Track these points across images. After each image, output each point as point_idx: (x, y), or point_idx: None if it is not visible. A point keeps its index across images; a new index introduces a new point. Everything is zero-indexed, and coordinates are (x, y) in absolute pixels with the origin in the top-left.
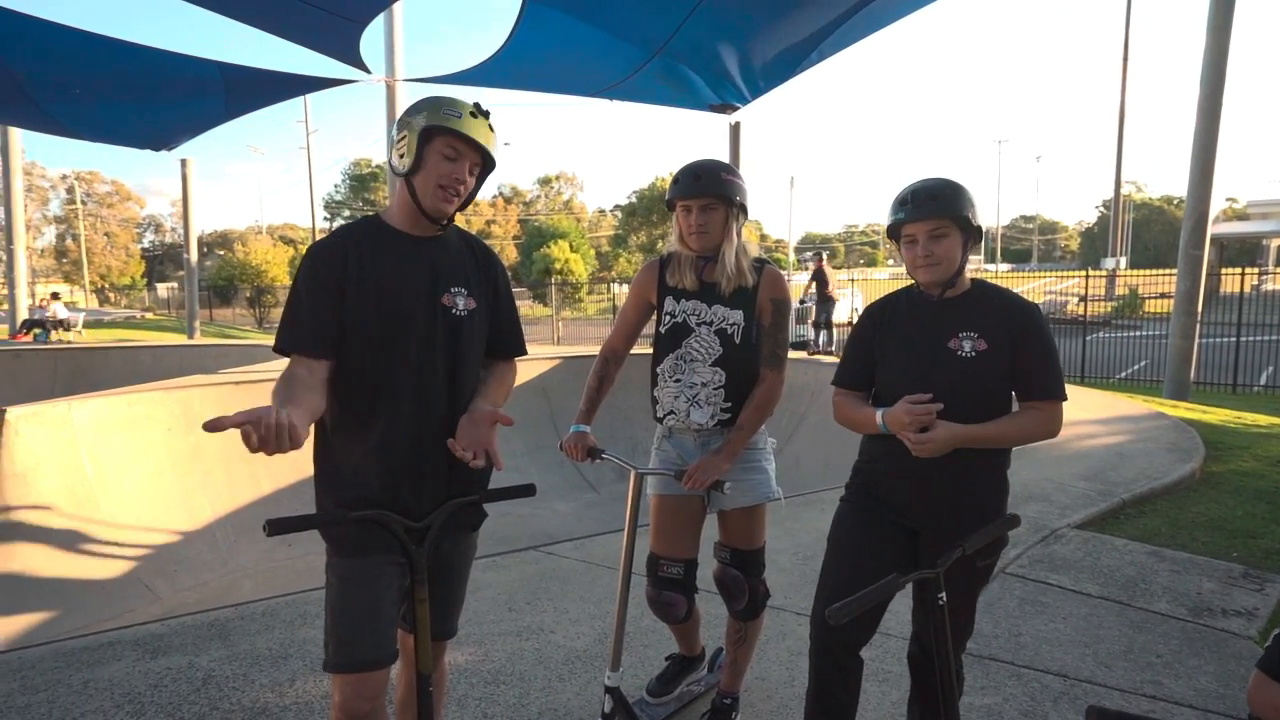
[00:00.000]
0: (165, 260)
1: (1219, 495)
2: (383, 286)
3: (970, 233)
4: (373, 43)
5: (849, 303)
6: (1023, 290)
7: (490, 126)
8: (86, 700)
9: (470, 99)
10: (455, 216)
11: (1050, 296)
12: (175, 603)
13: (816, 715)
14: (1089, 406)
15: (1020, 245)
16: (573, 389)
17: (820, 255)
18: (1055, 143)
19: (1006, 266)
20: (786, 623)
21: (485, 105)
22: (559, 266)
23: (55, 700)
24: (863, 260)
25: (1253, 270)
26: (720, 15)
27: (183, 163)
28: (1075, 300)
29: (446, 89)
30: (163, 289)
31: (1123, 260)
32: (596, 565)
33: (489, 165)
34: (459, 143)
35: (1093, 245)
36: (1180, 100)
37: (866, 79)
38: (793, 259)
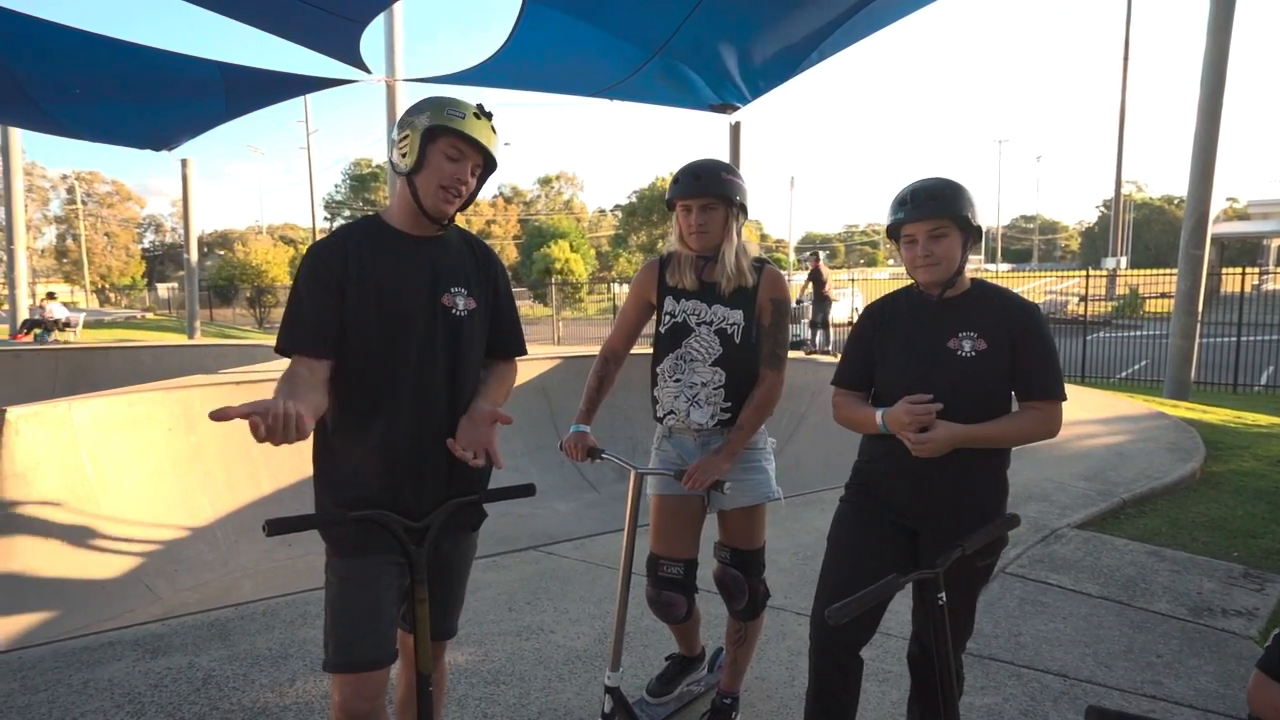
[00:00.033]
0: (165, 260)
1: (1219, 495)
2: (383, 286)
3: (970, 232)
4: (373, 43)
5: (849, 302)
6: (1023, 290)
7: (493, 128)
8: (86, 700)
9: (471, 99)
10: (456, 216)
11: (1051, 296)
12: (176, 602)
13: (816, 715)
14: (1089, 406)
15: (1021, 245)
16: (573, 389)
17: (816, 255)
18: (1056, 142)
19: (1007, 266)
20: (786, 622)
21: (486, 106)
22: (559, 266)
23: (55, 700)
24: (863, 260)
25: (1253, 270)
26: (720, 15)
27: (183, 163)
28: (1076, 300)
29: (447, 89)
30: (163, 289)
31: (1123, 260)
32: (597, 565)
33: (490, 166)
34: (462, 143)
35: (1093, 245)
36: (1181, 100)
37: (866, 79)
38: (793, 259)
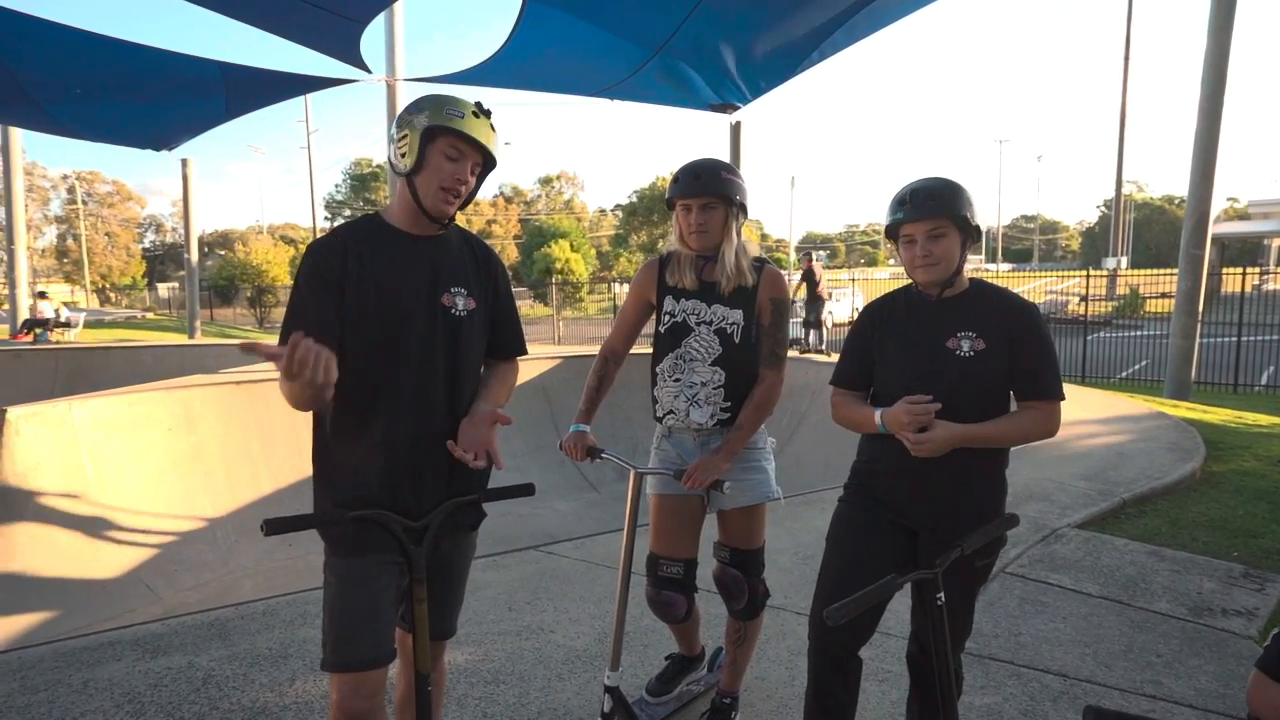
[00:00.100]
0: (166, 260)
1: (1219, 495)
2: (382, 286)
3: (969, 232)
4: (373, 42)
5: (850, 302)
6: (1024, 290)
7: (492, 126)
8: (86, 700)
9: (471, 98)
10: (456, 215)
11: (1051, 296)
12: (175, 602)
13: (815, 715)
14: (1090, 406)
15: (1021, 245)
16: (573, 389)
17: (810, 255)
18: (1056, 142)
19: (1007, 266)
20: (786, 622)
21: (486, 105)
22: (559, 266)
23: (55, 700)
24: (863, 260)
25: (1254, 270)
26: (721, 14)
27: (183, 163)
28: (1076, 300)
29: (447, 89)
30: (163, 289)
31: (1124, 260)
32: (596, 565)
33: (490, 165)
34: (461, 143)
35: (1094, 245)
36: (1181, 100)
37: (867, 79)
38: (794, 259)
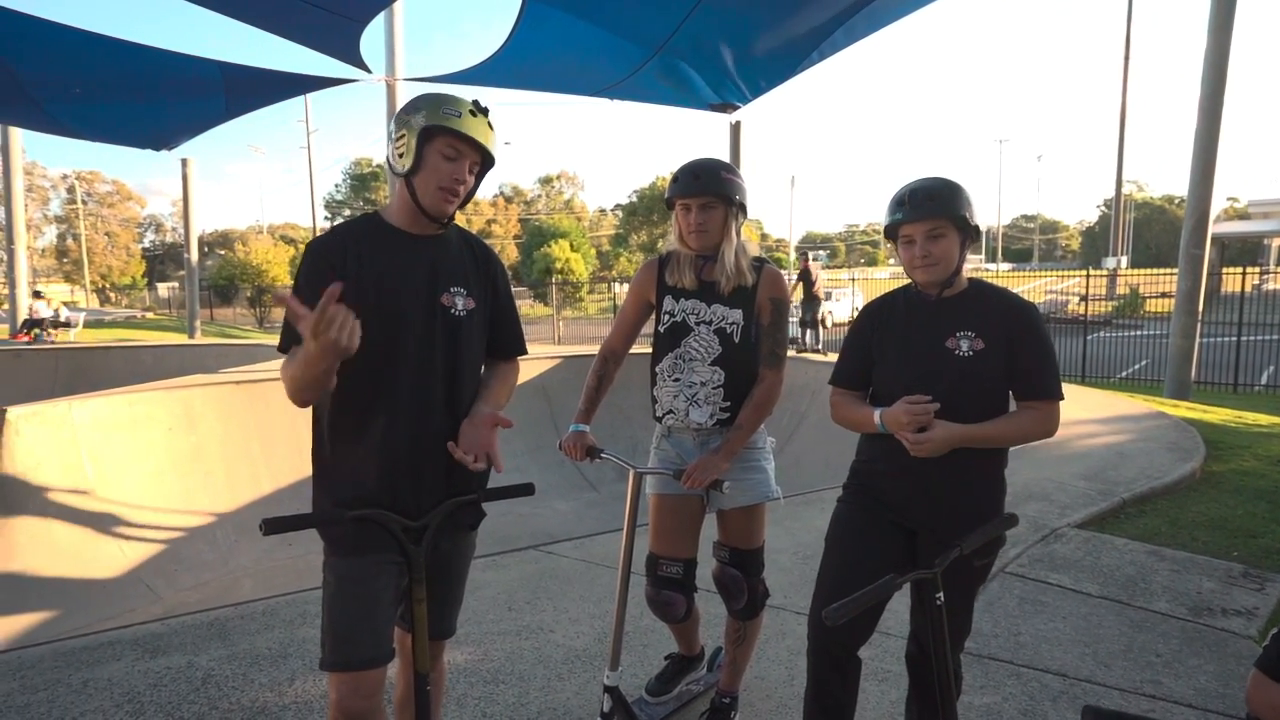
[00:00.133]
0: (166, 260)
1: (1219, 495)
2: (381, 285)
3: (968, 232)
4: (373, 42)
5: (849, 301)
6: (1024, 290)
7: (489, 124)
8: (86, 700)
9: (470, 97)
10: (456, 215)
11: (1051, 296)
12: (175, 602)
13: (815, 715)
14: (1090, 406)
15: (1021, 245)
16: (573, 388)
17: (806, 255)
18: (1056, 142)
19: (1007, 266)
20: (786, 622)
21: (485, 103)
22: (559, 266)
23: (55, 700)
24: (863, 260)
25: (1254, 270)
26: (721, 13)
27: (183, 162)
28: (1076, 300)
29: (447, 88)
30: (163, 289)
31: (1124, 260)
32: (596, 565)
33: (488, 163)
34: (459, 142)
35: (1094, 245)
36: (1182, 100)
37: (867, 79)
38: (793, 258)
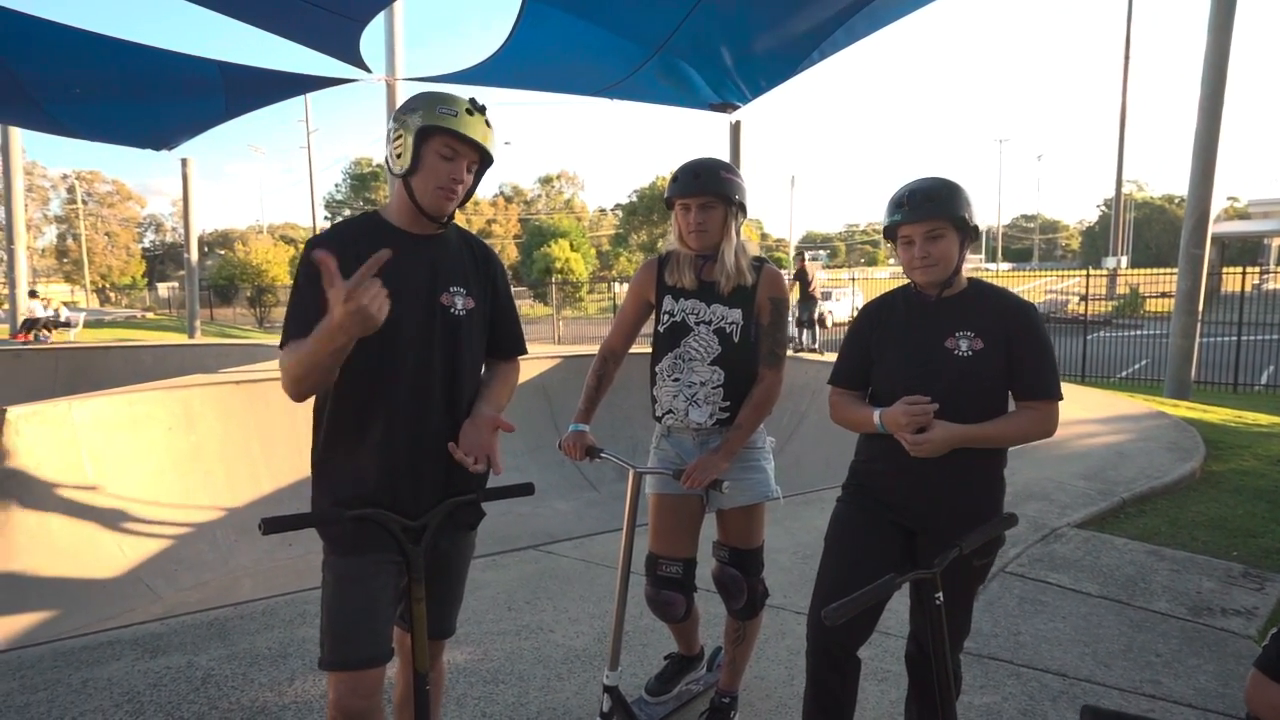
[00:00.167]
0: (166, 260)
1: (1219, 494)
2: (381, 285)
3: (967, 233)
4: (373, 42)
5: (850, 301)
6: (1024, 289)
7: (487, 122)
8: (86, 700)
9: (467, 95)
10: (455, 214)
11: (1051, 296)
12: (176, 602)
13: (814, 714)
14: (1089, 405)
15: (1021, 244)
16: (573, 388)
17: (803, 255)
18: (1056, 141)
19: (1007, 265)
20: (785, 622)
21: (483, 101)
22: (559, 266)
23: (54, 700)
24: (864, 259)
25: (1254, 269)
26: (721, 13)
27: (183, 162)
28: (1076, 299)
29: (447, 88)
30: (163, 289)
31: (1124, 259)
32: (596, 564)
33: (487, 162)
34: (456, 142)
35: (1094, 244)
36: (1182, 99)
37: (867, 78)
38: (795, 258)
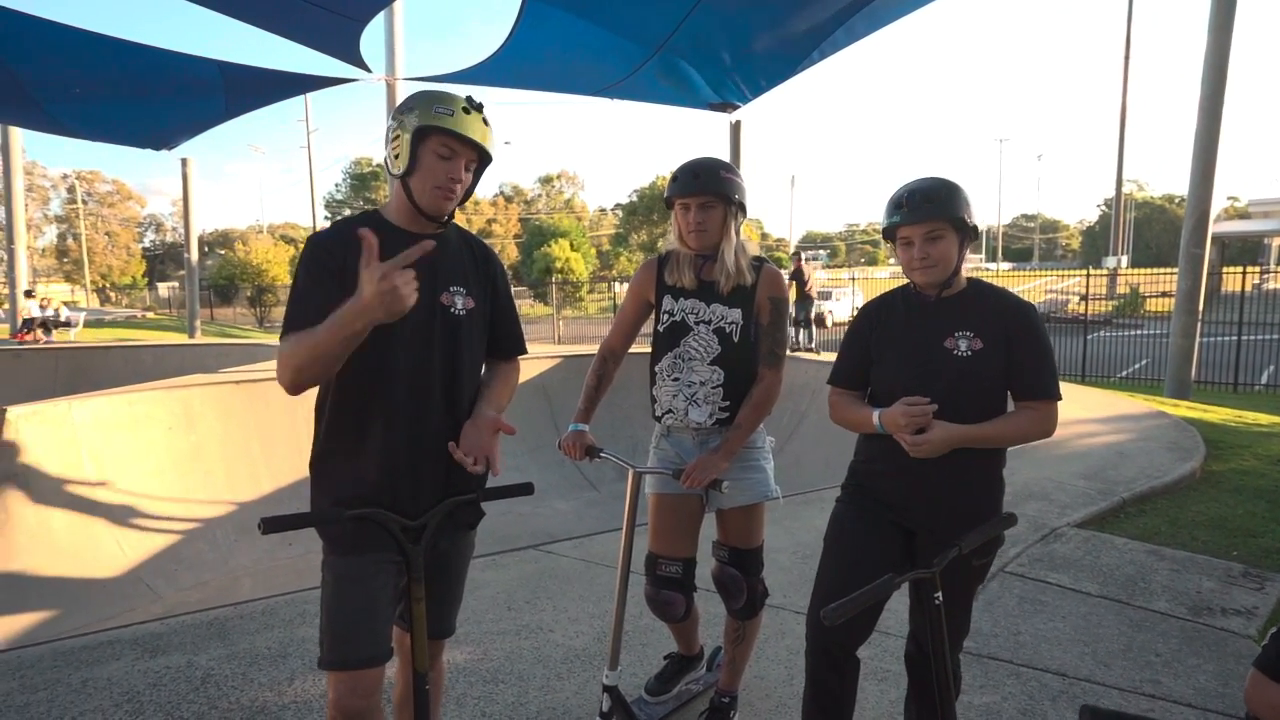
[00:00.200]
0: (166, 260)
1: (1219, 494)
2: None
3: (966, 233)
4: (373, 41)
5: (850, 301)
6: (1024, 289)
7: (485, 120)
8: (85, 699)
9: (464, 94)
10: (455, 213)
11: (1051, 295)
12: (176, 601)
13: (813, 714)
14: (1090, 405)
15: (1021, 244)
16: (573, 388)
17: (799, 255)
18: (1057, 141)
19: (1008, 265)
20: (785, 621)
21: (482, 99)
22: (560, 265)
23: (54, 699)
24: (864, 259)
25: (1254, 269)
26: (721, 12)
27: (183, 162)
28: (1076, 299)
29: (447, 88)
30: (164, 288)
31: (1124, 259)
32: (596, 564)
33: (486, 160)
34: (453, 141)
35: (1094, 244)
36: (1182, 99)
37: (867, 78)
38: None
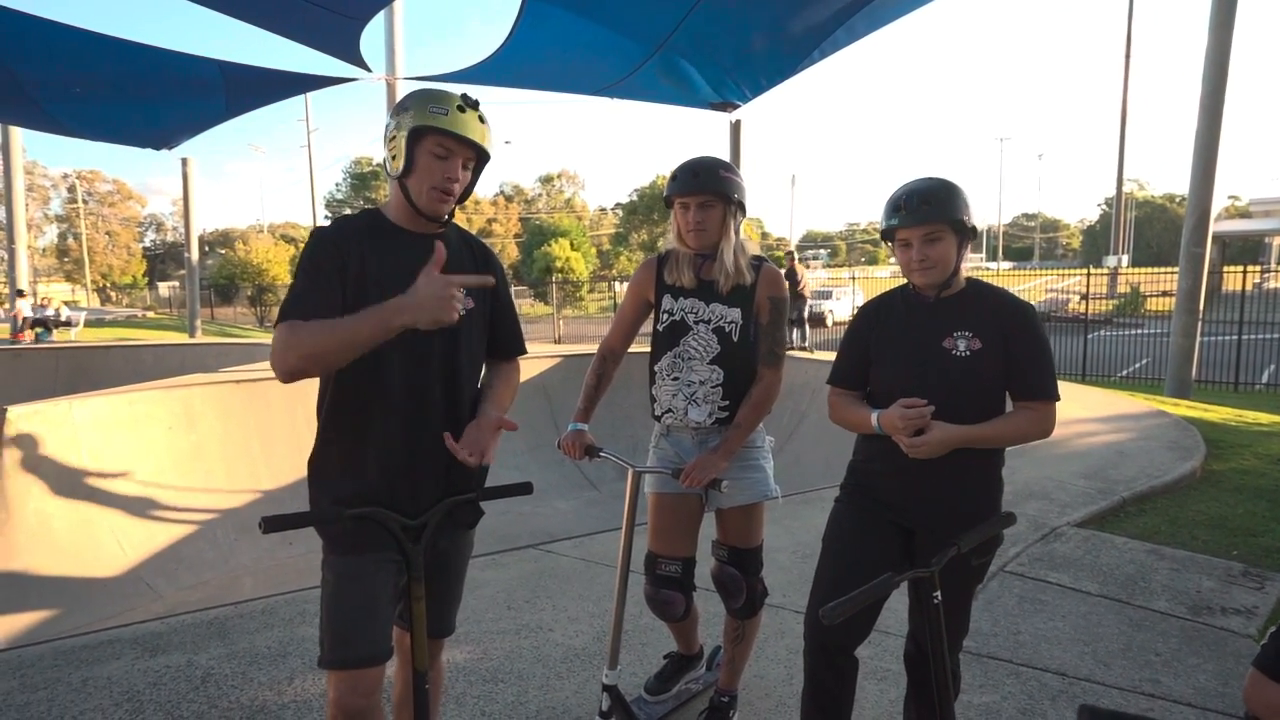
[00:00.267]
0: (166, 259)
1: (1219, 493)
2: (380, 283)
3: (965, 234)
4: (373, 41)
5: (850, 300)
6: (1024, 288)
7: (481, 118)
8: (85, 699)
9: (462, 93)
10: (455, 212)
11: (1052, 294)
12: (176, 601)
13: (812, 714)
14: (1090, 404)
15: (1022, 243)
16: (573, 387)
17: (792, 255)
18: (1057, 140)
19: (1008, 264)
20: (785, 621)
21: (482, 99)
22: (560, 265)
23: (54, 699)
24: (864, 258)
25: (1255, 268)
26: (721, 12)
27: (183, 161)
28: (1077, 298)
29: (446, 87)
30: (164, 288)
31: (1125, 258)
32: (596, 563)
33: (484, 158)
34: (449, 140)
35: (1095, 243)
36: (1183, 98)
37: (867, 77)
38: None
